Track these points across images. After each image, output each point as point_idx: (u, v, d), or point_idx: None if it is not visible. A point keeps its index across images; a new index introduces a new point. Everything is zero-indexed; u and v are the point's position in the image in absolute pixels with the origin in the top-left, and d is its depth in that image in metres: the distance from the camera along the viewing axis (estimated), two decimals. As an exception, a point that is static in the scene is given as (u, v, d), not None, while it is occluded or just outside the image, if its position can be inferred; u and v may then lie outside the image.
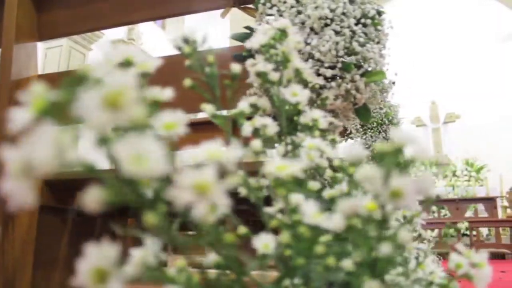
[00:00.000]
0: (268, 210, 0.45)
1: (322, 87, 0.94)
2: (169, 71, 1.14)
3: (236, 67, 0.54)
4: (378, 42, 1.01)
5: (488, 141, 8.49)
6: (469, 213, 6.60)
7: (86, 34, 6.24)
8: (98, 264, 0.23)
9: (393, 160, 0.28)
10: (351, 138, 2.50)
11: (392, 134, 0.29)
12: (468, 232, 5.79)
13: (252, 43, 0.67)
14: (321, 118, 0.70)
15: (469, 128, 8.64)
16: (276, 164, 0.39)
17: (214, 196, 0.24)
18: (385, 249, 0.31)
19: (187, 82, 0.52)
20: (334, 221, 0.33)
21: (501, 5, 8.43)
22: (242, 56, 0.99)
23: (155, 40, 7.22)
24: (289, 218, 0.39)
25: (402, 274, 0.55)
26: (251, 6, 1.29)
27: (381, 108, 2.46)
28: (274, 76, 0.66)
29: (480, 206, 6.38)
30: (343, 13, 0.96)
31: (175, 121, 0.40)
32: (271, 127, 0.62)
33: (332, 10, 0.95)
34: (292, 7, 0.98)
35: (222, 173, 0.34)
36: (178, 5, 1.28)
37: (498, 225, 5.55)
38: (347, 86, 0.94)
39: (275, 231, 0.43)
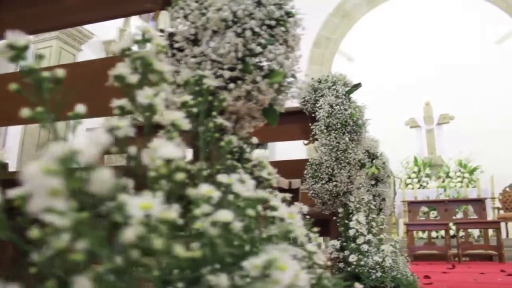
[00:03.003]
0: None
1: (222, 89, 0.95)
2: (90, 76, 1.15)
3: (60, 72, 0.55)
4: (286, 43, 1.02)
5: (481, 143, 8.45)
6: (460, 215, 6.58)
7: (77, 35, 6.28)
8: None
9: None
10: (316, 139, 2.50)
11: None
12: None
13: (114, 48, 0.69)
14: (180, 119, 0.71)
15: (463, 129, 8.60)
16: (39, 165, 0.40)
17: None
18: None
19: (13, 86, 0.54)
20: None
21: (496, 7, 8.38)
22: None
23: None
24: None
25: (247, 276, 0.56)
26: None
27: (346, 109, 2.46)
28: (131, 79, 0.67)
29: (470, 208, 6.36)
30: (247, 15, 0.97)
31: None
32: (125, 129, 0.64)
33: (233, 12, 0.96)
34: (197, 9, 0.99)
35: None
36: (111, 9, 1.31)
37: (484, 226, 5.53)
38: (247, 87, 0.95)
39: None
